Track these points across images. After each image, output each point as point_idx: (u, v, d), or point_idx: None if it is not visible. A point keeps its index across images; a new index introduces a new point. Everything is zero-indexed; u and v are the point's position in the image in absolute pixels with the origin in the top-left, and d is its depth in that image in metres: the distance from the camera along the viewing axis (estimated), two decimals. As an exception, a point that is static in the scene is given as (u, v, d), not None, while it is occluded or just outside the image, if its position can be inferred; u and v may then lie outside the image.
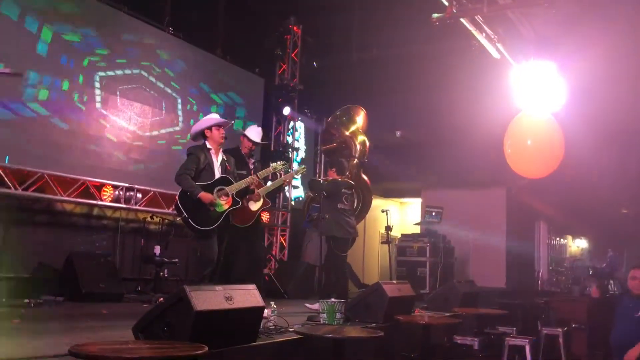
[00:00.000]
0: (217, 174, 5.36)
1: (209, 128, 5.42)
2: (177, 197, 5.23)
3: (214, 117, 5.64)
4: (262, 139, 6.46)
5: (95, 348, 2.54)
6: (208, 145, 5.41)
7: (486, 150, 8.12)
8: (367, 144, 8.33)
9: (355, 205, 7.96)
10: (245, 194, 5.68)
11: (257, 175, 5.70)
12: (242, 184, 5.44)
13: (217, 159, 5.43)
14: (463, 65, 7.81)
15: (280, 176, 6.52)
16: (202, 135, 5.49)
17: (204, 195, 5.10)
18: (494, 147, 6.82)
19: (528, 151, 6.38)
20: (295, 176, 6.44)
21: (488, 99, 7.38)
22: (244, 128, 9.53)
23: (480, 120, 8.02)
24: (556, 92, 6.44)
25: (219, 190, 5.25)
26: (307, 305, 6.18)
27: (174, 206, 6.15)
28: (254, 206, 6.06)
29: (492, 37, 6.08)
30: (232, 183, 5.37)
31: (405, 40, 8.80)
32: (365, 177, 8.49)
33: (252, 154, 6.35)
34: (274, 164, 6.09)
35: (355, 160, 8.41)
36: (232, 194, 5.31)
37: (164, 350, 2.60)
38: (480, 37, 6.04)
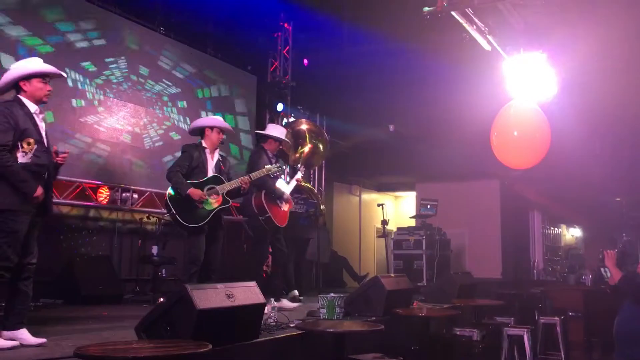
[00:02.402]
0: (211, 172, 5.37)
1: (211, 128, 5.44)
2: (166, 194, 5.24)
3: (217, 119, 5.65)
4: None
5: (100, 349, 2.56)
6: (203, 144, 5.43)
7: (478, 142, 8.14)
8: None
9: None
10: (238, 194, 5.59)
11: (249, 176, 5.54)
12: (233, 183, 5.40)
13: (213, 158, 5.45)
14: (455, 58, 7.83)
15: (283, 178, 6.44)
16: (200, 132, 5.51)
17: (192, 191, 5.12)
18: (486, 139, 6.85)
19: (513, 142, 6.40)
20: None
21: (480, 91, 7.41)
22: (237, 126, 9.52)
23: (473, 112, 8.03)
24: (547, 83, 6.48)
25: (209, 188, 5.26)
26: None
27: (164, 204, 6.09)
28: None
29: (483, 29, 6.09)
30: (223, 182, 5.37)
31: (396, 34, 8.81)
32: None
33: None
34: (268, 166, 5.83)
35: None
36: (223, 193, 5.31)
37: (169, 349, 2.61)
38: (471, 30, 6.04)
